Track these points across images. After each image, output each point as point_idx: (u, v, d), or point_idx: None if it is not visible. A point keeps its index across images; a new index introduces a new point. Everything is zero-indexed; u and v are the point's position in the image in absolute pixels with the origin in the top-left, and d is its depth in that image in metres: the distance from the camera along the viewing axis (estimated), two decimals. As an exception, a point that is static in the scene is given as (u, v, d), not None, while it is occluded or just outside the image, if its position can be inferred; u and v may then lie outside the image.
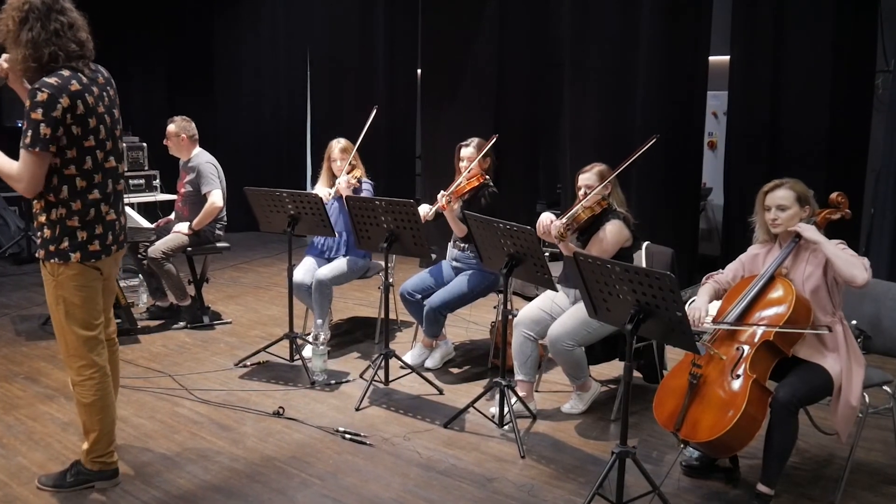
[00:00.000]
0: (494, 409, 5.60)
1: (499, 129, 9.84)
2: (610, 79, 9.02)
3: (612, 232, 5.46)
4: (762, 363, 4.38)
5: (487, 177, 6.51)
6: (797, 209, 4.61)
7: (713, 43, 8.67)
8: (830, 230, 4.69)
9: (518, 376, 5.72)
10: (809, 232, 4.51)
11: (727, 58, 8.75)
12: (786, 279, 4.54)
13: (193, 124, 7.75)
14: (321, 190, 7.05)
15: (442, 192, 6.29)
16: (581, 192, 5.56)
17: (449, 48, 10.50)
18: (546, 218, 5.49)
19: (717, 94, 9.59)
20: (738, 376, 4.31)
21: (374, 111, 7.02)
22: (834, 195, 4.72)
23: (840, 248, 4.42)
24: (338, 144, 7.10)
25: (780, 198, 4.63)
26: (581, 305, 5.21)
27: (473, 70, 10.27)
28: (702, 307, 4.75)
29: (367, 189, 7.02)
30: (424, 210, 6.39)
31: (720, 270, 5.02)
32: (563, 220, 5.33)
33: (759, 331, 4.40)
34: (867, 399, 4.48)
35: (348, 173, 6.92)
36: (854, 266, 4.32)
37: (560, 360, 5.56)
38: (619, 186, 5.60)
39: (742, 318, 4.51)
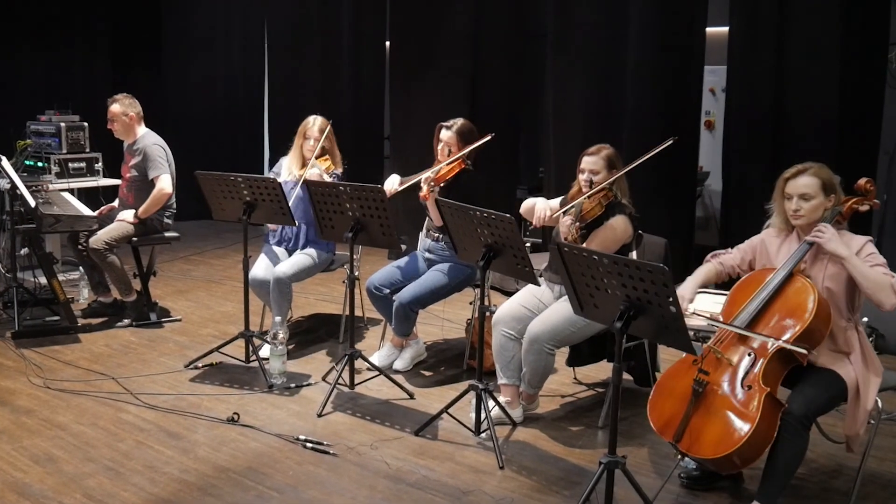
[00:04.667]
0: (471, 415, 5.59)
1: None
2: (597, 51, 9.02)
3: (618, 229, 5.47)
4: (775, 373, 4.34)
5: (469, 162, 6.48)
6: (822, 199, 4.50)
7: (711, 13, 8.67)
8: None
9: (501, 380, 5.70)
10: (832, 244, 4.36)
11: (726, 29, 8.76)
12: (807, 280, 4.44)
13: (137, 102, 7.69)
14: (287, 170, 7.00)
15: (426, 174, 6.25)
16: (584, 177, 5.54)
17: (420, 17, 10.47)
18: (543, 208, 5.48)
19: (714, 68, 9.60)
20: (750, 388, 4.27)
21: (329, 125, 6.97)
22: (862, 181, 4.58)
23: (866, 260, 4.35)
24: (316, 122, 7.01)
25: (804, 185, 4.51)
26: (566, 300, 5.19)
27: (447, 42, 10.24)
28: (686, 293, 4.70)
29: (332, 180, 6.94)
30: (393, 183, 6.38)
31: (727, 250, 4.96)
32: (570, 217, 5.32)
33: (773, 342, 4.33)
34: (880, 404, 4.49)
35: (318, 157, 6.86)
36: (882, 289, 4.24)
37: (530, 362, 5.50)
38: (624, 175, 5.58)
39: (756, 319, 4.45)
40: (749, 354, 4.39)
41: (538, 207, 5.64)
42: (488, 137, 6.33)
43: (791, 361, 4.37)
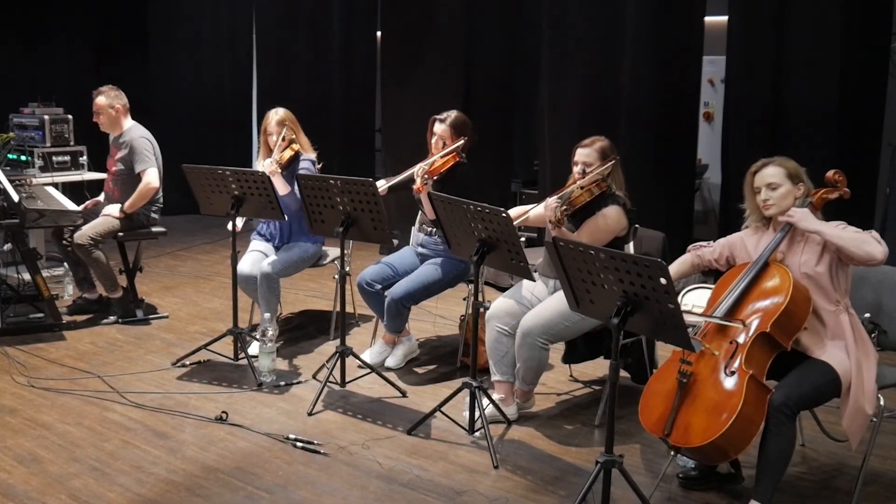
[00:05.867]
0: (465, 414, 5.59)
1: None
2: (594, 42, 9.01)
3: (610, 218, 5.46)
4: (759, 357, 4.38)
5: (464, 155, 6.46)
6: (790, 186, 4.62)
7: (710, 2, 8.67)
8: (834, 212, 4.69)
9: (495, 376, 5.70)
10: (805, 222, 4.49)
11: (725, 18, 8.76)
12: (782, 265, 4.55)
13: (124, 94, 7.67)
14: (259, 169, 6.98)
15: (420, 166, 6.23)
16: (578, 169, 5.54)
17: (412, 8, 10.46)
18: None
19: (713, 59, 9.60)
20: (733, 373, 4.31)
21: (288, 115, 6.96)
22: (830, 173, 4.70)
23: (842, 230, 4.42)
24: (275, 116, 6.95)
25: (770, 175, 4.65)
26: (560, 294, 5.18)
27: (440, 33, 10.23)
28: None
29: (305, 166, 6.89)
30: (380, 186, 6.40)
31: (708, 242, 5.05)
32: (556, 199, 5.30)
33: (754, 323, 4.40)
34: (882, 401, 4.48)
35: (283, 150, 6.82)
36: (865, 241, 4.32)
37: (523, 357, 5.50)
38: (620, 167, 5.58)
39: (734, 309, 4.52)
40: (731, 342, 4.44)
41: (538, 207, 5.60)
42: (461, 142, 6.33)
43: (776, 347, 4.42)
